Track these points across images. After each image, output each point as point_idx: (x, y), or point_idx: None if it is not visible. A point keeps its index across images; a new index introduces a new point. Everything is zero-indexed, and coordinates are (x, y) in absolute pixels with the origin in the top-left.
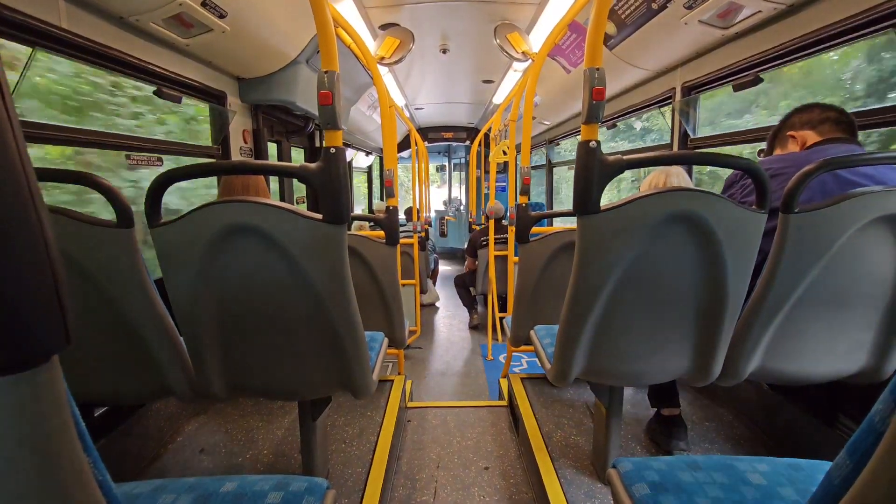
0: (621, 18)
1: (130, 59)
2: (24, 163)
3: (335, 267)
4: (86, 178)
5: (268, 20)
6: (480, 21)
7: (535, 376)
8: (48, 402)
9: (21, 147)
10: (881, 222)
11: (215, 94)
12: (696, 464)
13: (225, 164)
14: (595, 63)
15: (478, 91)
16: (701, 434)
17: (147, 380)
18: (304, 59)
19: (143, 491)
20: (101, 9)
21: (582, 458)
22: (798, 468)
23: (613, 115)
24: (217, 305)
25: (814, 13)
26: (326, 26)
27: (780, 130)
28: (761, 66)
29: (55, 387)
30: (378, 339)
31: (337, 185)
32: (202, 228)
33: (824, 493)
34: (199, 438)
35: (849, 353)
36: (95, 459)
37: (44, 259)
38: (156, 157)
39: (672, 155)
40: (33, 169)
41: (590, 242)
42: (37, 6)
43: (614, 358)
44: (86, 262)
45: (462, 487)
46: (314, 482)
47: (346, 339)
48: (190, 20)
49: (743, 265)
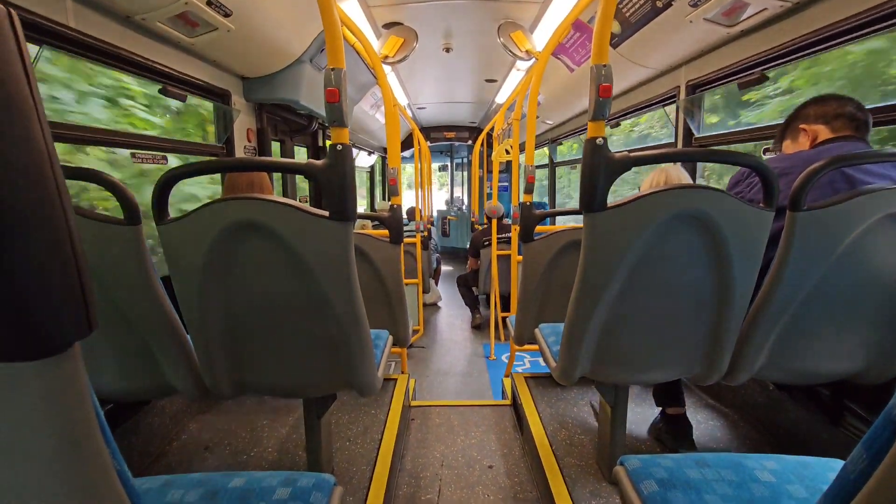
0: (626, 17)
1: (136, 57)
2: (53, 160)
3: (341, 264)
4: (93, 175)
5: (272, 19)
6: (484, 20)
7: (538, 375)
8: (72, 389)
9: (49, 145)
10: (890, 220)
11: (220, 92)
12: (704, 461)
13: (230, 162)
14: (602, 60)
15: (480, 90)
16: (706, 433)
17: (153, 377)
18: (308, 58)
19: (151, 486)
20: (107, 8)
21: (586, 456)
22: (807, 466)
23: (618, 113)
24: (223, 303)
25: (819, 11)
26: (333, 24)
27: (792, 121)
28: (766, 65)
29: (78, 375)
30: (383, 337)
31: (343, 181)
32: (208, 226)
33: (840, 487)
34: (204, 436)
35: (856, 352)
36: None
37: (68, 250)
38: (161, 156)
39: (679, 152)
40: (59, 165)
41: (596, 240)
42: (44, 5)
43: (620, 356)
44: (93, 258)
45: (466, 486)
46: (322, 478)
47: (352, 337)
48: (195, 19)
49: (749, 263)
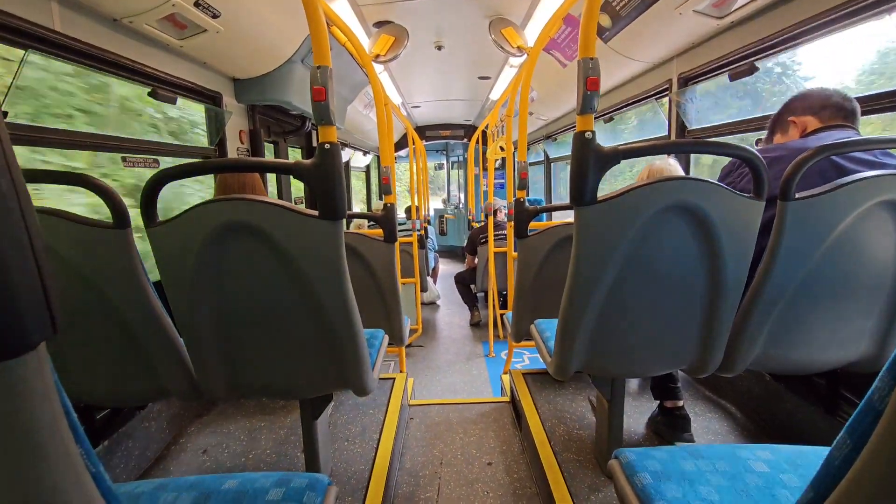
0: (616, 10)
1: (124, 60)
2: (8, 158)
3: (332, 264)
4: (81, 179)
5: (261, 20)
6: (474, 16)
7: (536, 371)
8: (36, 390)
9: (6, 145)
10: (881, 207)
11: (211, 94)
12: (698, 452)
13: (219, 163)
14: (589, 53)
15: (474, 87)
16: (704, 426)
17: (147, 381)
18: (300, 59)
19: (144, 490)
20: (94, 11)
21: (585, 451)
22: (801, 455)
23: (610, 107)
24: (215, 305)
25: (809, 0)
26: (318, 21)
27: (781, 115)
28: (757, 55)
29: (43, 376)
30: (378, 337)
31: (332, 181)
32: (197, 228)
33: (825, 473)
34: (201, 439)
35: (850, 341)
36: (88, 452)
37: (27, 249)
38: (152, 159)
39: (668, 143)
40: (18, 166)
41: (587, 234)
42: (29, 9)
43: (614, 349)
44: (83, 263)
45: (466, 483)
46: (315, 478)
47: (345, 337)
48: (183, 21)
49: (741, 254)
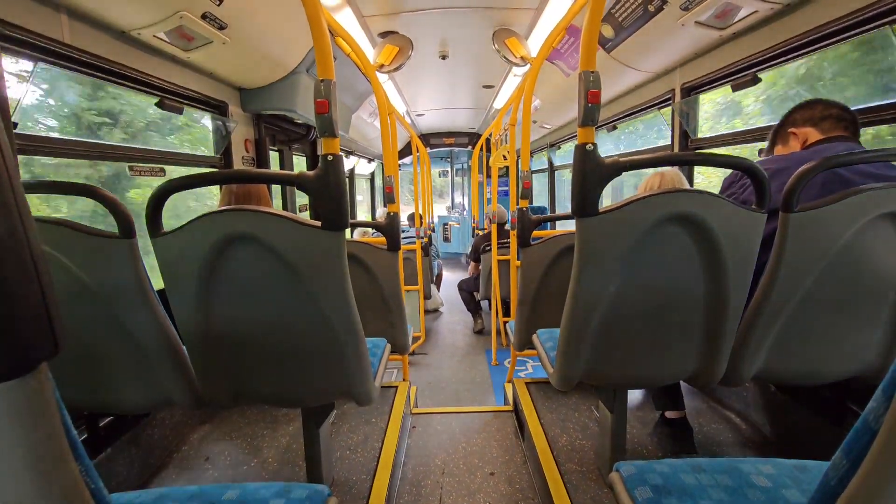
0: (618, 21)
1: (132, 72)
2: (12, 176)
3: (335, 274)
4: (89, 190)
5: (267, 31)
6: (479, 27)
7: (539, 381)
8: (37, 409)
9: (7, 160)
10: (884, 220)
11: (217, 104)
12: (699, 466)
13: (222, 174)
14: (590, 66)
15: (478, 96)
16: (708, 437)
17: (151, 389)
18: (305, 69)
19: (145, 500)
20: (102, 23)
21: (587, 462)
22: (804, 470)
23: (613, 117)
24: (218, 314)
25: (811, 11)
26: (322, 36)
27: (781, 127)
28: (759, 66)
29: (45, 394)
30: (380, 346)
31: (335, 192)
32: (201, 238)
33: (822, 492)
34: (204, 447)
35: (854, 352)
36: (88, 467)
37: (31, 270)
38: (158, 168)
39: (669, 156)
40: (21, 182)
41: (589, 245)
42: (39, 22)
43: (616, 361)
44: (88, 272)
45: (467, 493)
46: (315, 489)
47: (347, 346)
48: (190, 33)
49: (743, 265)
